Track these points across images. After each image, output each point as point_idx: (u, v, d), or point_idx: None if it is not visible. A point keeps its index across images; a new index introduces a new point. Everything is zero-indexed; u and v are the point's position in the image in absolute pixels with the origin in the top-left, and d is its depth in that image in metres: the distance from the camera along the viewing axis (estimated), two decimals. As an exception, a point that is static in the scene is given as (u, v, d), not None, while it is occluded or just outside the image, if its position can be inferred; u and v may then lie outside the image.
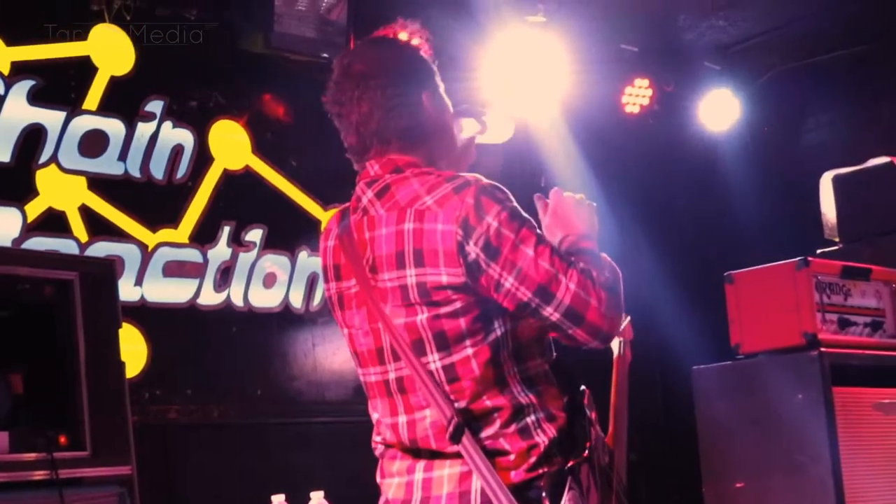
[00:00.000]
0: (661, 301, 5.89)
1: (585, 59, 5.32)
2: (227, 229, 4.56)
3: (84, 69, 4.23)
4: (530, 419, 2.03)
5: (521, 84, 5.13)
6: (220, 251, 4.54)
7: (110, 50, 4.28)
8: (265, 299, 4.72)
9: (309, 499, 3.57)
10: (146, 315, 4.24)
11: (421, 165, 2.06)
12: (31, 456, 2.88)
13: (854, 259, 4.27)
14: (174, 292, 4.39)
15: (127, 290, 4.11)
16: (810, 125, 6.13)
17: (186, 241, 4.45)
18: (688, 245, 5.94)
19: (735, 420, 4.31)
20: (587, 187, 5.69)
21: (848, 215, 4.59)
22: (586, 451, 2.17)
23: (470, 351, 1.97)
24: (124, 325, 3.42)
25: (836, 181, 4.62)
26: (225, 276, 4.56)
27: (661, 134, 6.11)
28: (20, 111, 4.01)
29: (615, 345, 4.07)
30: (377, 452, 2.18)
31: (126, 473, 3.06)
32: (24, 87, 3.99)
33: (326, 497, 3.74)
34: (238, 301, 4.60)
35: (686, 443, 4.66)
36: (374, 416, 2.17)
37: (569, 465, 2.09)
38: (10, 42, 3.98)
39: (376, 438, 2.17)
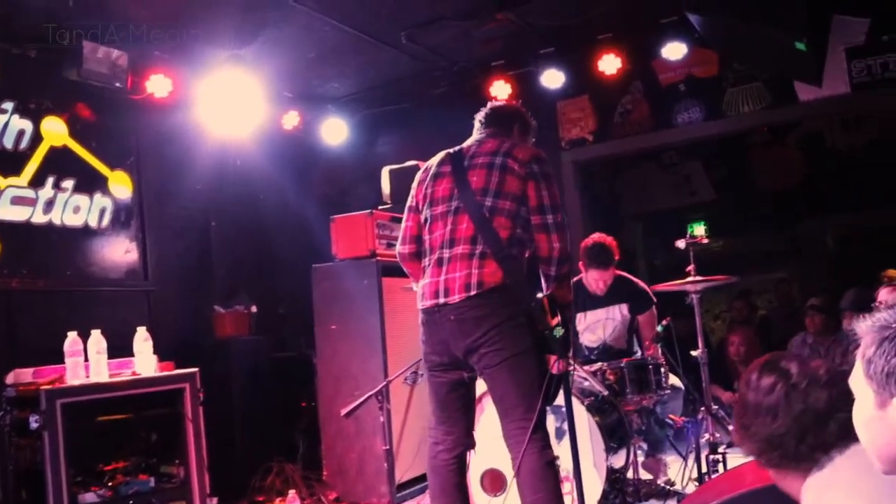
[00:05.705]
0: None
1: (268, 97, 6.31)
2: (51, 179, 5.32)
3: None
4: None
5: (230, 111, 5.96)
6: (46, 192, 5.27)
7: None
8: (73, 221, 5.44)
9: (90, 334, 4.48)
10: (1, 226, 4.96)
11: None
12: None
13: (394, 212, 5.48)
14: (17, 214, 5.11)
15: (-13, 212, 4.73)
16: (381, 142, 7.53)
17: (26, 185, 5.17)
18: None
19: (333, 294, 5.66)
20: (265, 169, 6.79)
21: (394, 190, 5.88)
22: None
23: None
24: (-13, 231, 3.94)
25: (391, 172, 6.08)
26: (48, 206, 5.26)
27: (301, 142, 7.22)
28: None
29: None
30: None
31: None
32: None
33: (102, 332, 4.53)
34: (57, 221, 5.31)
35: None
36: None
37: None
38: None
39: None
